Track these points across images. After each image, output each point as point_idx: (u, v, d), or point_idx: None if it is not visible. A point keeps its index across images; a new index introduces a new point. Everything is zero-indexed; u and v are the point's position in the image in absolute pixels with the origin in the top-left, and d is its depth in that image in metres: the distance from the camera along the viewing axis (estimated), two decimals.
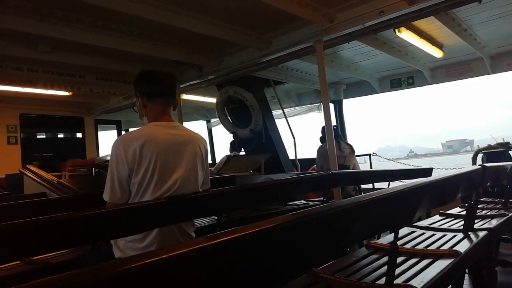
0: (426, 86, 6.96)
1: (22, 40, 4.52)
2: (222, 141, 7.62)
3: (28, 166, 4.88)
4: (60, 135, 8.99)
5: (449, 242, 1.96)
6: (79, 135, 8.68)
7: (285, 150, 6.73)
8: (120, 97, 7.06)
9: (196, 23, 4.20)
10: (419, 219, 2.53)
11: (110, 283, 0.58)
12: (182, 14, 4.01)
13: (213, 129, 10.20)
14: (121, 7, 3.59)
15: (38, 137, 8.58)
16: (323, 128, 4.73)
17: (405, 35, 4.75)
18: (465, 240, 1.99)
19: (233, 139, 6.80)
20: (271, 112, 6.87)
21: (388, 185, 3.45)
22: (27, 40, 4.52)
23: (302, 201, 4.34)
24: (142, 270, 0.60)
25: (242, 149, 6.78)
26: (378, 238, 2.16)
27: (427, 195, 1.52)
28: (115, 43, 4.59)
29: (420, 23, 4.73)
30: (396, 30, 4.51)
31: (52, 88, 6.22)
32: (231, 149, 6.71)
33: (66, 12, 3.97)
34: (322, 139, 4.92)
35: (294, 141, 7.05)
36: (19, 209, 2.00)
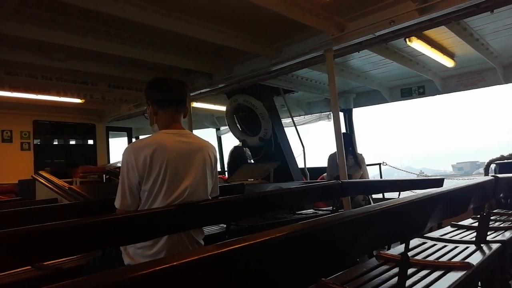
0: (434, 106, 6.91)
1: (38, 48, 4.61)
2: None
3: (40, 172, 4.95)
4: (72, 142, 9.10)
5: (461, 254, 1.92)
6: (90, 141, 8.77)
7: (294, 158, 6.71)
8: (131, 105, 7.14)
9: (207, 32, 4.25)
10: (430, 230, 2.50)
11: None
12: (194, 23, 4.06)
13: (222, 137, 10.24)
14: (134, 16, 3.65)
15: (50, 143, 8.70)
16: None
17: (416, 44, 4.73)
18: (478, 252, 1.95)
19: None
20: (281, 121, 6.88)
21: (399, 195, 3.41)
22: (42, 49, 4.62)
23: (311, 210, 4.32)
24: (152, 277, 0.60)
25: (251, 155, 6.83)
26: (388, 248, 2.13)
27: (439, 206, 1.50)
28: (127, 52, 4.67)
29: (431, 33, 4.70)
30: (407, 40, 4.49)
31: (65, 95, 6.32)
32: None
33: (80, 21, 4.05)
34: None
35: (304, 150, 7.04)
36: (31, 214, 2.03)
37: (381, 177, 7.07)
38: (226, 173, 8.62)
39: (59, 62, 4.92)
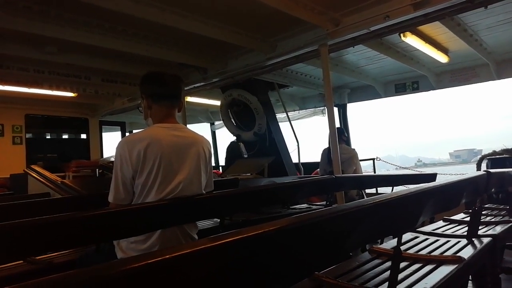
0: (428, 95, 6.94)
1: (29, 41, 4.55)
2: (226, 144, 7.64)
3: (32, 166, 4.91)
4: (65, 136, 9.03)
5: (452, 248, 1.94)
6: (83, 136, 8.71)
7: (289, 153, 6.73)
8: (125, 99, 7.10)
9: (202, 26, 4.22)
10: (423, 224, 2.52)
11: (113, 283, 0.58)
12: (188, 17, 4.03)
13: (216, 131, 10.22)
14: (127, 9, 3.61)
15: (42, 137, 8.63)
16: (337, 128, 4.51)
17: (410, 39, 4.74)
18: (469, 246, 1.97)
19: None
20: (275, 115, 6.87)
21: (392, 189, 3.43)
22: (34, 42, 4.56)
23: (305, 204, 4.33)
24: (145, 270, 0.60)
25: (246, 150, 6.81)
26: (381, 243, 2.15)
27: (431, 201, 1.51)
28: (121, 45, 4.62)
29: (425, 28, 4.72)
30: (401, 35, 4.50)
31: (58, 89, 6.26)
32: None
33: (73, 14, 4.00)
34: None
35: (298, 145, 7.05)
36: (23, 208, 2.01)
37: (374, 172, 7.11)
38: (221, 167, 8.62)
39: (51, 55, 4.86)
